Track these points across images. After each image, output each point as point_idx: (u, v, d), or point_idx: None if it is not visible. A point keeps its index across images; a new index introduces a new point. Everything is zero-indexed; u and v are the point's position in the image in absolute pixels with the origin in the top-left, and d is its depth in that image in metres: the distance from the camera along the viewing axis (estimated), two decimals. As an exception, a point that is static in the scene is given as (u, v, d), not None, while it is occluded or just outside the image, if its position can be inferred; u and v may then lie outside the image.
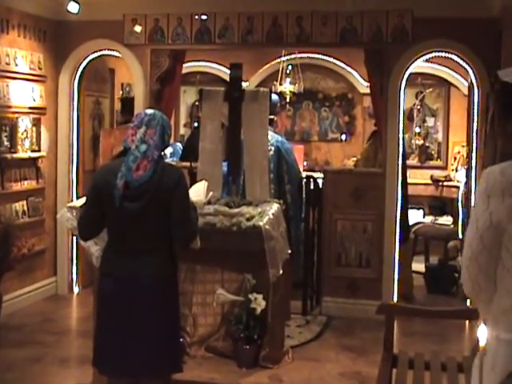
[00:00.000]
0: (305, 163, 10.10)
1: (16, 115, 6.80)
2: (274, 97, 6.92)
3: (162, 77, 7.40)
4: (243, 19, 7.08)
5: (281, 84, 10.21)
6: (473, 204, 6.58)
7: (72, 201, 7.13)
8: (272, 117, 6.71)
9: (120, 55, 7.54)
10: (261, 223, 5.31)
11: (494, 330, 2.33)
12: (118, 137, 7.26)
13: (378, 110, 7.18)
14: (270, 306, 5.40)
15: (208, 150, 6.13)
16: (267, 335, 5.44)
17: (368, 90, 8.11)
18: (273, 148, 6.76)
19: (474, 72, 6.79)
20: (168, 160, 7.80)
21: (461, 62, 6.94)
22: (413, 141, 10.67)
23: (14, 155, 6.76)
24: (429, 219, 9.02)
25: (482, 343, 1.61)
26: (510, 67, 2.36)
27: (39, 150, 7.19)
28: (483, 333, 1.61)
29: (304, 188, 7.01)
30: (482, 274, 2.36)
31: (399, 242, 6.95)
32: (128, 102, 7.91)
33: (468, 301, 6.65)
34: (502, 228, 2.28)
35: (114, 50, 7.52)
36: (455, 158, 10.45)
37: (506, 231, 2.28)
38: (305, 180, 7.04)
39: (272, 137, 6.70)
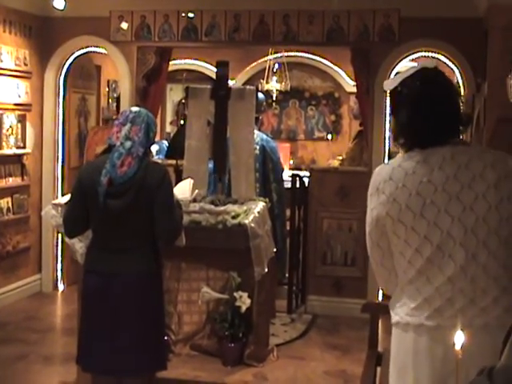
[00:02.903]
0: (291, 162, 10.10)
1: (1, 111, 6.77)
2: (260, 95, 6.91)
3: (148, 74, 7.38)
4: (230, 17, 7.08)
5: (267, 82, 10.21)
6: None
7: (57, 198, 7.10)
8: (257, 115, 6.71)
9: (106, 52, 7.51)
10: (246, 221, 5.30)
11: (394, 317, 2.48)
12: (101, 135, 7.24)
13: (364, 109, 7.20)
14: (255, 304, 5.40)
15: (194, 148, 6.11)
16: (252, 333, 5.43)
17: (354, 89, 8.12)
18: (258, 147, 6.74)
19: (460, 72, 6.82)
20: (154, 158, 7.78)
21: (447, 61, 6.95)
22: (399, 140, 10.68)
23: (-1, 152, 6.73)
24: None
25: (457, 347, 1.62)
26: (392, 78, 2.55)
27: (24, 147, 7.16)
28: (460, 337, 1.63)
29: (290, 186, 7.01)
30: (381, 267, 2.50)
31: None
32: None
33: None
34: (382, 223, 2.39)
35: (100, 47, 7.50)
36: (441, 158, 10.47)
37: (386, 226, 2.38)
38: (291, 178, 7.04)
39: (257, 135, 6.69)
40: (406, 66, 7.07)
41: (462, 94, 6.82)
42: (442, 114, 2.39)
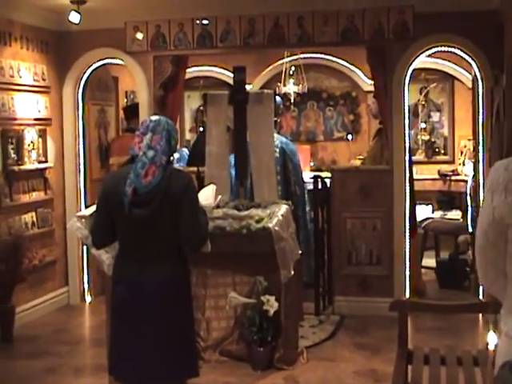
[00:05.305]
0: (311, 163, 10.09)
1: (22, 127, 6.82)
2: (277, 98, 6.93)
3: (165, 83, 7.41)
4: (244, 22, 7.09)
5: (284, 85, 10.20)
6: (481, 198, 6.58)
7: (81, 210, 7.14)
8: (275, 118, 6.71)
9: (123, 63, 7.56)
10: (270, 225, 5.31)
11: (503, 326, 2.29)
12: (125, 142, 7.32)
13: (382, 107, 7.17)
14: (282, 307, 5.40)
15: (215, 154, 6.14)
16: (281, 337, 5.43)
17: (372, 88, 8.10)
18: (278, 150, 6.76)
19: (477, 65, 6.78)
20: (175, 165, 7.81)
21: (463, 55, 6.93)
22: (419, 136, 10.65)
23: (22, 167, 6.77)
24: (438, 214, 9.01)
25: (491, 347, 1.61)
26: None
27: (46, 161, 7.21)
28: (493, 336, 1.60)
29: (312, 188, 7.01)
30: (490, 267, 2.35)
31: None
32: (129, 110, 7.96)
33: (481, 294, 6.66)
34: (505, 224, 2.26)
35: (116, 58, 7.54)
36: (462, 152, 10.43)
37: (510, 227, 2.25)
38: (313, 180, 7.03)
39: (277, 138, 6.71)
40: (424, 61, 7.05)
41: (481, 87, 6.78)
42: None
